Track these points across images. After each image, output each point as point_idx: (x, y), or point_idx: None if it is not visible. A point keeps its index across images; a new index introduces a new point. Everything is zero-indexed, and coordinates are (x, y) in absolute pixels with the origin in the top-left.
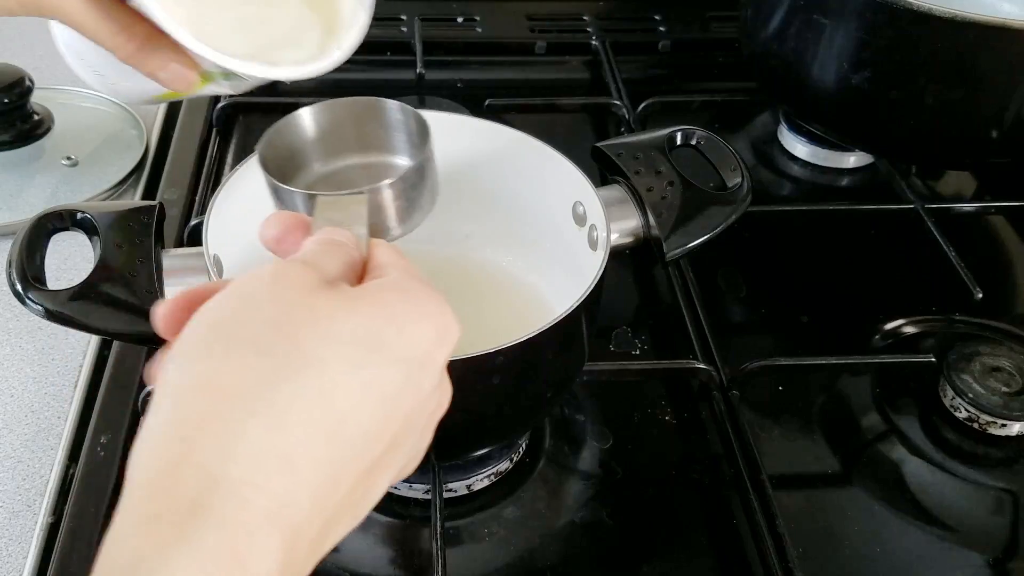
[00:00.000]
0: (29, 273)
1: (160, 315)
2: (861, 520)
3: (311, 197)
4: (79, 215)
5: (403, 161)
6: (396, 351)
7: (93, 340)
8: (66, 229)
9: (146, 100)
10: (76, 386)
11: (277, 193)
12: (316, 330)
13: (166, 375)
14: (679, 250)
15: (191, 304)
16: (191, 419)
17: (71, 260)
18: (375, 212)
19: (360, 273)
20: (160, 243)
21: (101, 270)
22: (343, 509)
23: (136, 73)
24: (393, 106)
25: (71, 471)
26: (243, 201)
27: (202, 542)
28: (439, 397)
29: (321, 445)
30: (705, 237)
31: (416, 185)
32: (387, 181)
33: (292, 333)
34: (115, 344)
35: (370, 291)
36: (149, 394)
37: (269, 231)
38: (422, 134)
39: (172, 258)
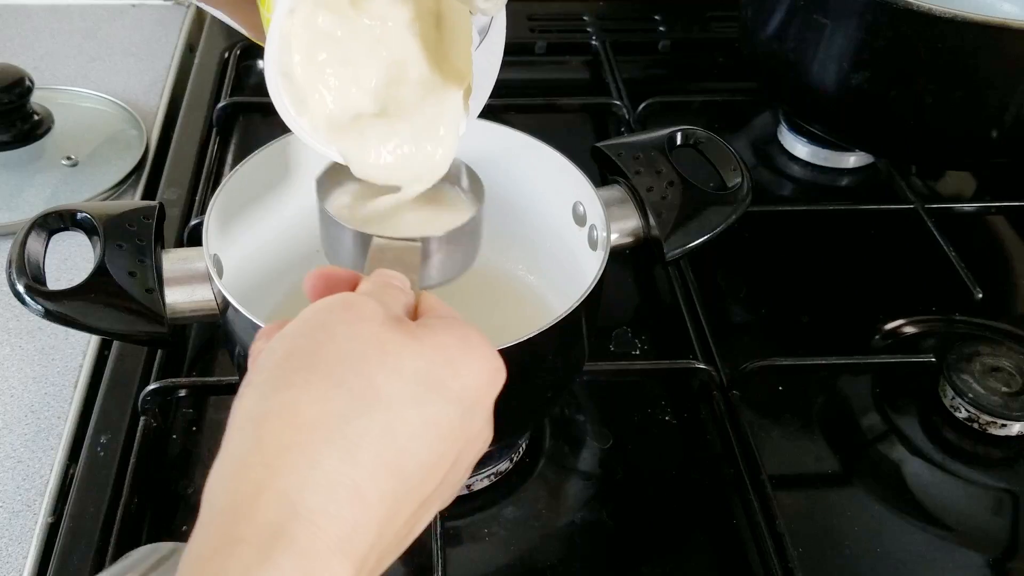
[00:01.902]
0: (29, 273)
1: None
2: (861, 520)
3: (365, 237)
4: (79, 215)
5: (450, 214)
6: (453, 392)
7: (93, 340)
8: (66, 229)
9: None
10: (76, 386)
11: (331, 228)
12: (384, 366)
13: (246, 400)
14: (679, 250)
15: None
16: (273, 446)
17: (71, 260)
18: (422, 259)
19: (412, 318)
20: (160, 243)
21: (101, 270)
22: (396, 541)
23: None
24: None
25: (71, 471)
26: (243, 201)
27: (282, 567)
28: (485, 437)
29: (386, 478)
30: (705, 237)
31: (463, 240)
32: (439, 233)
33: (363, 367)
34: (115, 344)
35: (430, 331)
36: (149, 394)
37: (317, 285)
38: (476, 191)
39: (172, 258)
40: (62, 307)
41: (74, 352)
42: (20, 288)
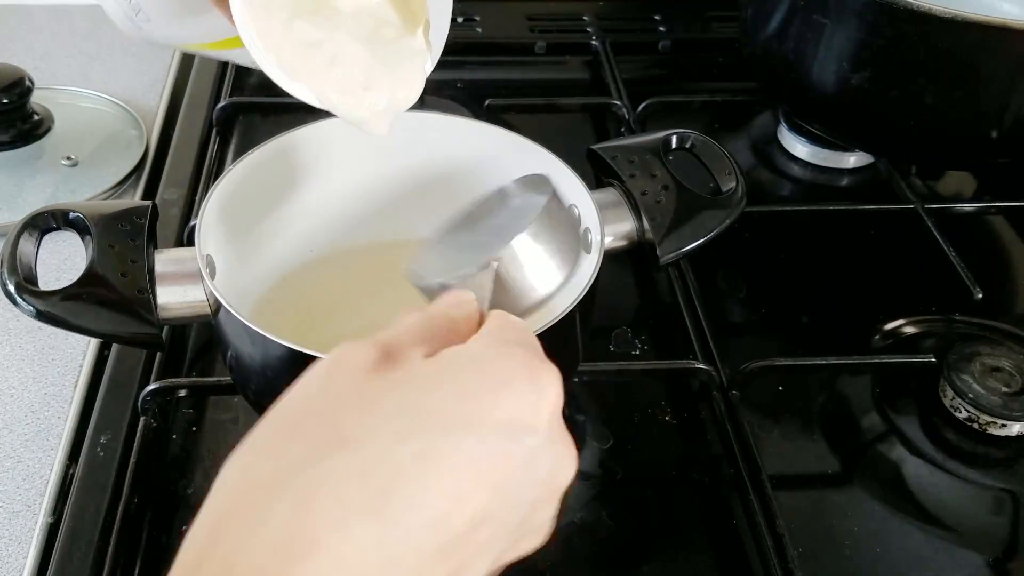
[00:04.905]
0: (20, 272)
1: None
2: (861, 520)
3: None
4: (71, 215)
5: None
6: (455, 419)
7: (93, 340)
8: (58, 229)
9: (186, 44)
10: (76, 386)
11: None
12: (360, 412)
13: (222, 469)
14: (673, 254)
15: None
16: (220, 512)
17: (70, 260)
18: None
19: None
20: (153, 243)
21: (93, 271)
22: None
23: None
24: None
25: (71, 471)
26: (237, 201)
27: None
28: (550, 464)
29: (357, 524)
30: (699, 242)
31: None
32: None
33: (333, 419)
34: (115, 344)
35: (438, 362)
36: (149, 394)
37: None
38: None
39: (165, 259)
40: (53, 307)
41: (74, 352)
42: (11, 288)
